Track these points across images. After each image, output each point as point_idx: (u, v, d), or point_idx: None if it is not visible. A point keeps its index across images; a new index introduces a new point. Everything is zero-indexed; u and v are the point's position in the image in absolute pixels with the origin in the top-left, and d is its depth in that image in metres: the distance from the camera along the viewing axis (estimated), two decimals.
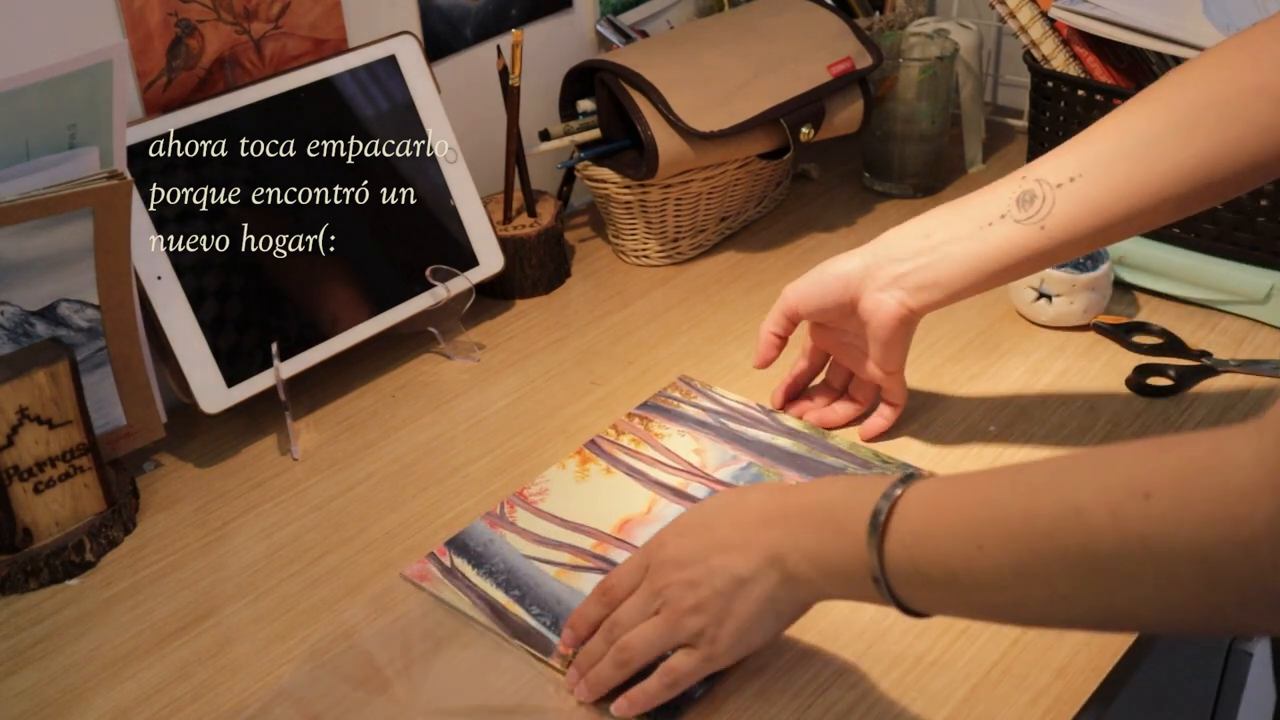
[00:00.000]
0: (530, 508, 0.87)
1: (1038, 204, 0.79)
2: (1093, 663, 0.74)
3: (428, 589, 0.81)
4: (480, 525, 0.86)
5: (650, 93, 1.10)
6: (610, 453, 0.92)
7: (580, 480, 0.89)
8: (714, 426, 0.93)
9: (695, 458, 0.90)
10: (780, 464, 0.89)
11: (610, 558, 0.82)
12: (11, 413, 0.82)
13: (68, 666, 0.79)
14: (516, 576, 0.81)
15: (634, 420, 0.95)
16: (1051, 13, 1.13)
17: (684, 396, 0.97)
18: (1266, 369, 0.97)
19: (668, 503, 0.86)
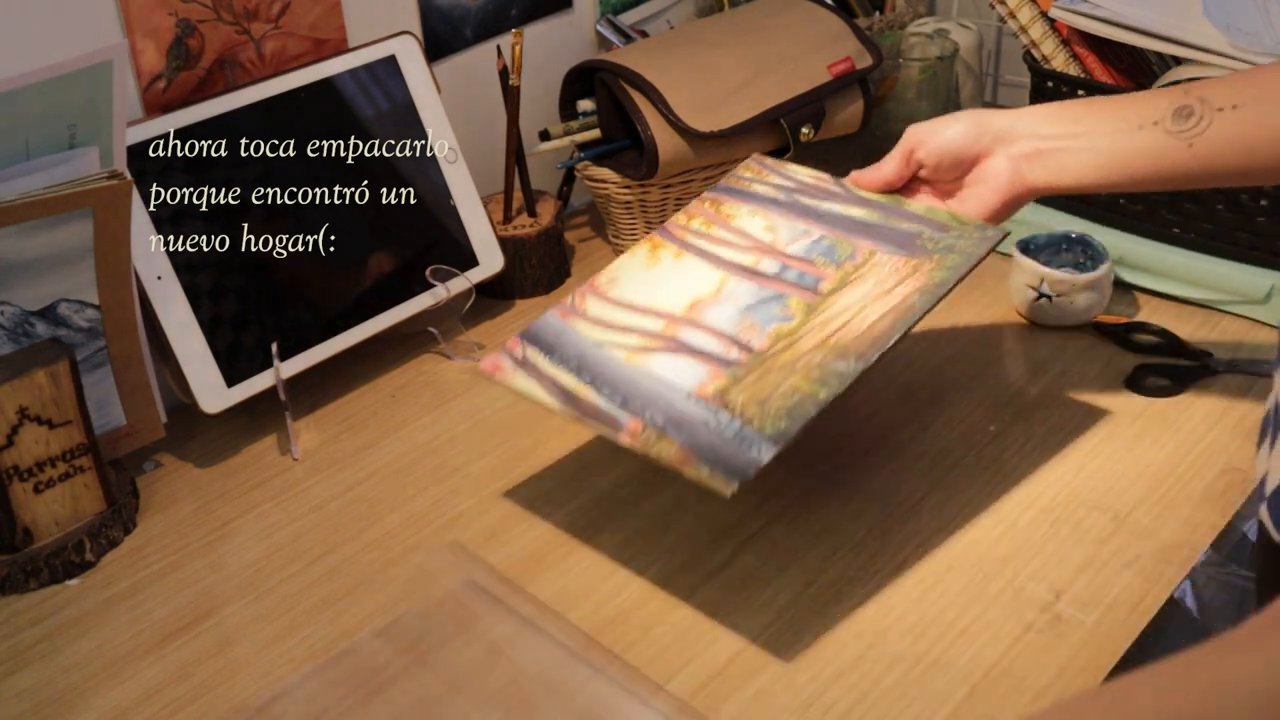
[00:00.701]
0: (601, 295, 0.87)
1: (1193, 120, 0.77)
2: (1093, 663, 0.74)
3: (499, 380, 0.82)
4: (551, 317, 0.86)
5: (650, 93, 1.10)
6: (680, 237, 0.89)
7: (650, 266, 0.88)
8: (785, 203, 0.90)
9: (766, 235, 0.88)
10: (854, 234, 0.86)
11: (680, 338, 0.81)
12: (11, 413, 0.82)
13: (68, 666, 0.79)
14: (586, 362, 0.81)
15: (704, 204, 0.92)
16: (1051, 13, 1.13)
17: (756, 175, 0.93)
18: (1266, 369, 0.97)
19: (739, 281, 0.84)
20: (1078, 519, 0.84)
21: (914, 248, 0.83)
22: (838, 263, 0.84)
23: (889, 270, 0.82)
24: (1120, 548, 0.82)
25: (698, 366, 0.79)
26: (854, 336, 0.78)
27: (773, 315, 0.81)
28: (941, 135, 0.86)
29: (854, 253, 0.84)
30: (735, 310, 0.82)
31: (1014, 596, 0.78)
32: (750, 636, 0.77)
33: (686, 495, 0.88)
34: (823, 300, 0.81)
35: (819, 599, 0.79)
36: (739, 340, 0.80)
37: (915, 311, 0.79)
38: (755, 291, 0.83)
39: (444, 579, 0.82)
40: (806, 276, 0.83)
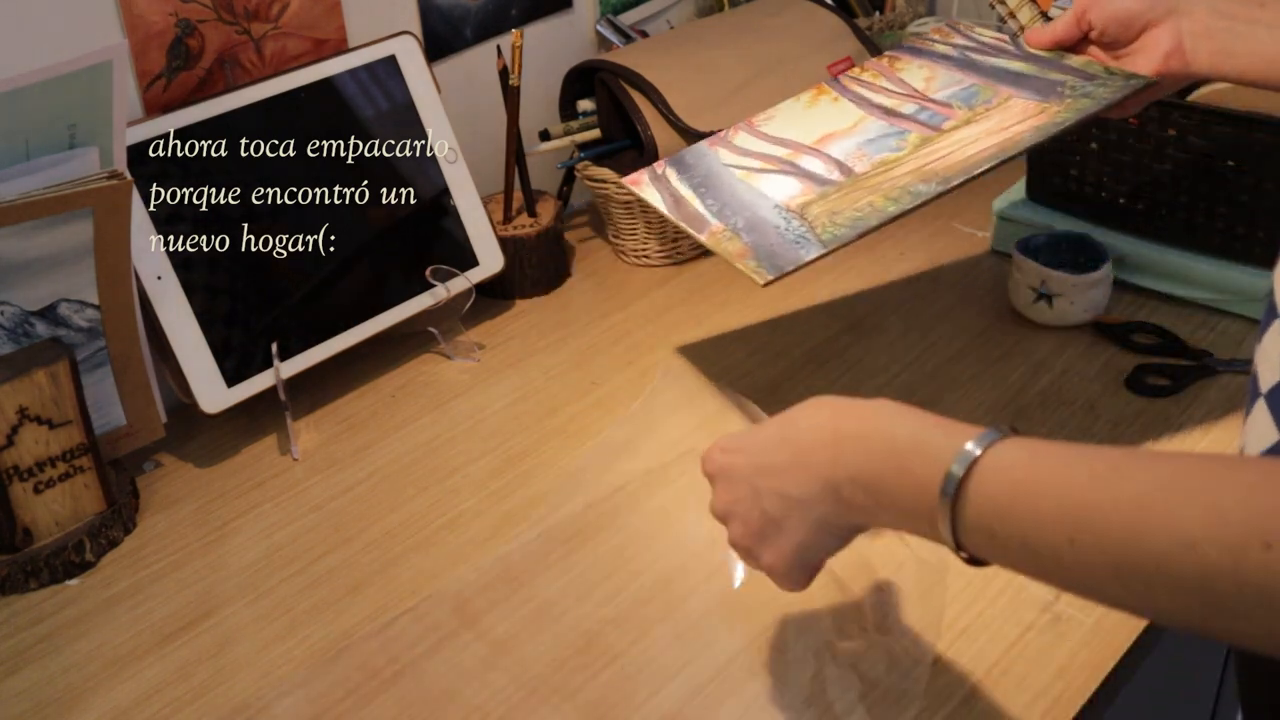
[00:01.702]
0: (751, 129, 0.93)
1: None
2: (1093, 662, 0.74)
3: (632, 188, 0.90)
4: (701, 145, 0.92)
5: (650, 93, 1.10)
6: (845, 85, 0.95)
7: (808, 108, 0.94)
8: (955, 59, 0.95)
9: (922, 84, 0.93)
10: (1002, 82, 0.90)
11: (798, 163, 0.87)
12: (11, 413, 0.82)
13: (68, 666, 0.79)
14: (709, 179, 0.88)
15: (883, 60, 0.97)
16: (1051, 13, 1.13)
17: (942, 37, 0.98)
18: None
19: (874, 120, 0.90)
20: None
21: (1051, 94, 0.85)
22: (971, 106, 0.88)
23: (1016, 111, 0.85)
24: None
25: (796, 184, 0.85)
26: (948, 164, 0.82)
27: (886, 146, 0.86)
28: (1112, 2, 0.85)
29: (991, 98, 0.88)
30: (856, 144, 0.88)
31: (1014, 596, 0.78)
32: (750, 636, 0.77)
33: (686, 497, 0.88)
34: (940, 135, 0.86)
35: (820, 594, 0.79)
36: (844, 164, 0.86)
37: (1019, 144, 0.81)
38: (882, 128, 0.89)
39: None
40: (936, 116, 0.88)
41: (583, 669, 0.75)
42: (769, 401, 0.96)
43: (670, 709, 0.72)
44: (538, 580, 0.82)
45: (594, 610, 0.80)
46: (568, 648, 0.77)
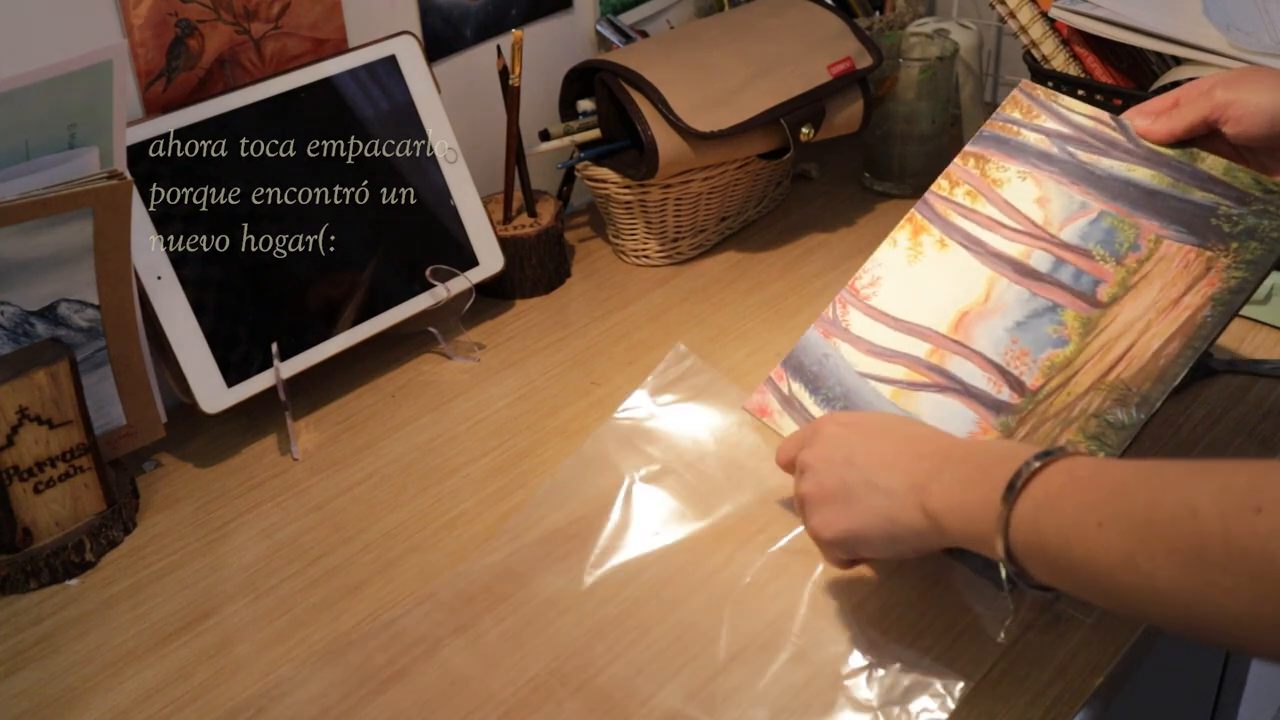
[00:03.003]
0: (862, 305, 0.81)
1: None
2: (1093, 662, 0.74)
3: (768, 423, 0.80)
4: (814, 336, 0.81)
5: (650, 93, 1.10)
6: (944, 215, 0.81)
7: (913, 261, 0.80)
8: (1059, 160, 0.80)
9: (1037, 211, 0.78)
10: (1138, 211, 0.75)
11: (947, 368, 0.76)
12: (11, 413, 0.82)
13: (68, 666, 0.79)
14: (851, 401, 0.77)
15: (969, 163, 0.83)
16: (1051, 13, 1.13)
17: (1025, 118, 0.82)
18: (1266, 369, 0.97)
19: (1008, 284, 0.77)
20: None
21: (1207, 231, 0.73)
22: (1118, 255, 0.75)
23: (1177, 268, 0.72)
24: None
25: (966, 412, 0.73)
26: (1136, 370, 0.70)
27: (1045, 338, 0.74)
28: (1262, 113, 0.74)
29: (1137, 239, 0.74)
30: (1004, 328, 0.75)
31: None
32: (750, 636, 0.77)
33: (689, 496, 0.88)
34: (1101, 314, 0.73)
35: (818, 598, 0.79)
36: (1009, 373, 0.73)
37: (1207, 330, 0.70)
38: (1026, 301, 0.76)
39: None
40: (1083, 277, 0.75)
41: (583, 669, 0.75)
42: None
43: (670, 708, 0.72)
44: (538, 580, 0.82)
45: (594, 610, 0.80)
46: (567, 647, 0.77)
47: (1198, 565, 0.50)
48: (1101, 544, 0.55)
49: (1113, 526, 0.55)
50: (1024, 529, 0.60)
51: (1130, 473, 0.56)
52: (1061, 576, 0.59)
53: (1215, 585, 0.50)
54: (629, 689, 0.73)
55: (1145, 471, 0.56)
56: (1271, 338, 1.02)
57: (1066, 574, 0.59)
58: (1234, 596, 0.49)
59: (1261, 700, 1.22)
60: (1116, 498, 0.55)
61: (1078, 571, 0.57)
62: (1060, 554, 0.58)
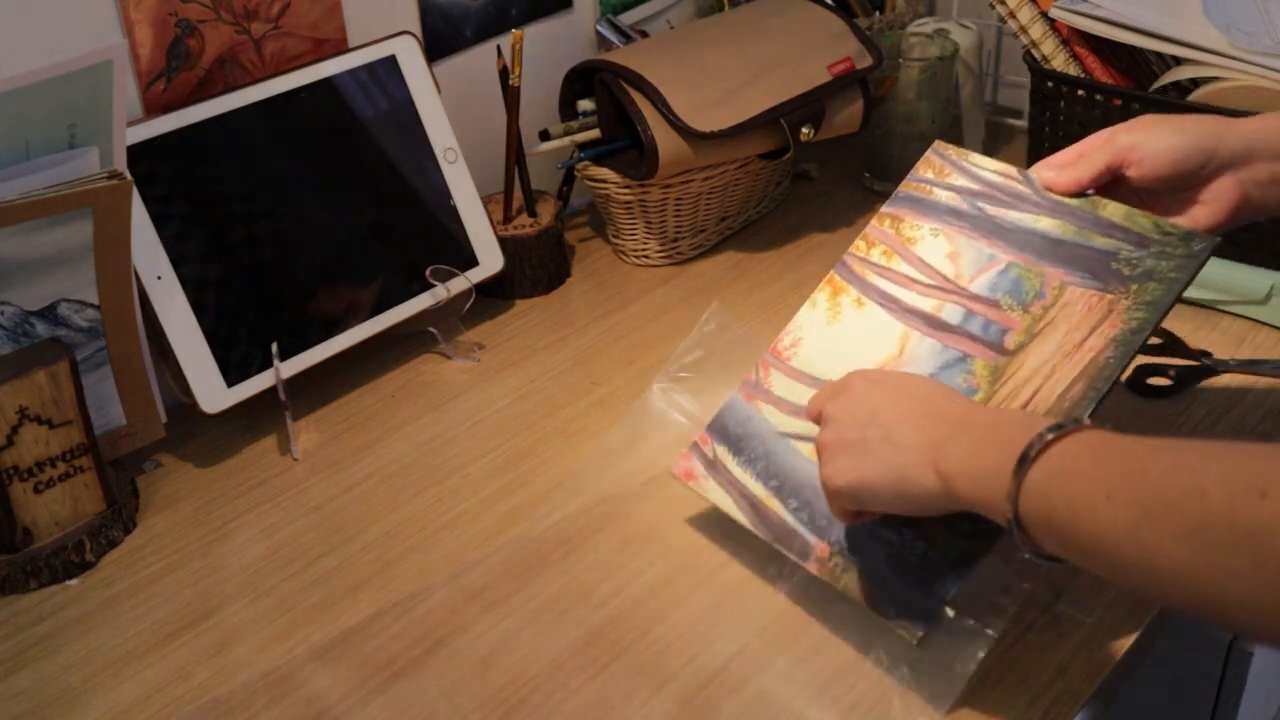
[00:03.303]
0: (784, 366, 0.82)
1: None
2: (1093, 662, 0.74)
3: (693, 488, 0.81)
4: (738, 400, 0.83)
5: (650, 93, 1.10)
6: (861, 275, 0.83)
7: (831, 321, 0.83)
8: (969, 215, 0.82)
9: (949, 266, 0.81)
10: (1043, 260, 0.77)
11: None
12: (11, 413, 0.82)
13: (68, 666, 0.79)
14: (772, 461, 0.79)
15: (885, 223, 0.85)
16: (1051, 13, 1.13)
17: (937, 177, 0.85)
18: (1266, 369, 0.97)
19: (920, 338, 0.79)
20: None
21: (1108, 275, 0.75)
22: (1025, 304, 0.76)
23: (1080, 312, 0.74)
24: None
25: None
26: (1041, 414, 0.72)
27: (956, 387, 0.75)
28: (1162, 156, 0.75)
29: (1042, 287, 0.76)
30: None
31: None
32: (750, 636, 0.77)
33: (688, 496, 0.88)
34: (1009, 361, 0.75)
35: (818, 597, 0.79)
36: None
37: (1109, 371, 0.71)
38: (938, 353, 0.78)
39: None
40: (991, 327, 0.77)
41: (584, 668, 0.75)
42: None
43: (670, 707, 0.72)
44: (539, 578, 0.82)
45: (595, 609, 0.80)
46: (569, 646, 0.77)
47: (1201, 546, 0.51)
48: (1109, 517, 0.55)
49: (1121, 500, 0.55)
50: (1034, 499, 0.60)
51: (1144, 449, 0.57)
52: (1068, 547, 0.60)
53: (1218, 567, 0.50)
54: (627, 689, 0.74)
55: (1158, 448, 0.56)
56: (1271, 338, 1.02)
57: (1073, 545, 0.59)
58: (1237, 579, 0.49)
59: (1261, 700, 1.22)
60: (1127, 472, 0.56)
61: (1084, 543, 0.58)
62: (1068, 525, 0.58)
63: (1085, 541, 0.58)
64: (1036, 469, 0.61)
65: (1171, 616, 0.79)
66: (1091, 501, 0.57)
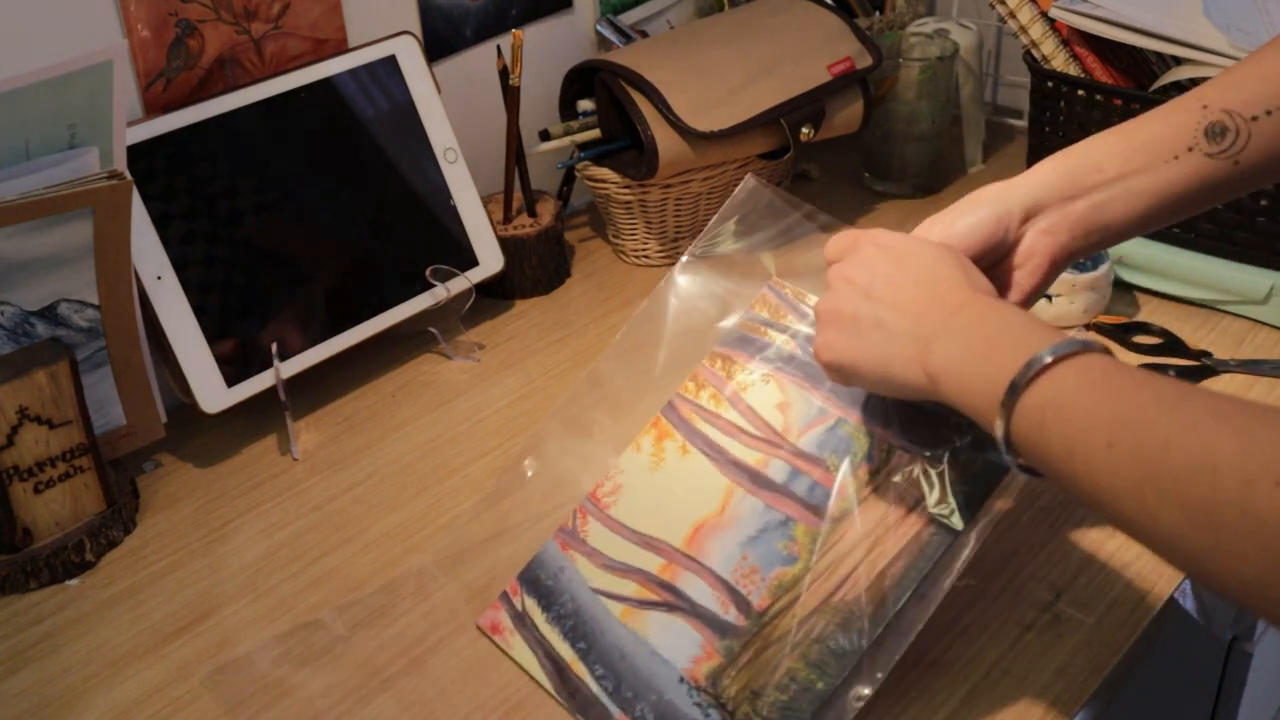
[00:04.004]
0: (602, 515, 0.78)
1: (1230, 138, 0.72)
2: (1093, 662, 0.74)
3: (498, 643, 0.77)
4: (553, 548, 0.78)
5: (650, 93, 1.10)
6: (688, 420, 0.79)
7: (655, 468, 0.78)
8: (802, 361, 0.78)
9: (778, 417, 0.76)
10: (873, 419, 0.74)
11: (677, 585, 0.73)
12: (11, 413, 0.82)
13: (68, 666, 0.79)
14: (582, 620, 0.75)
15: (716, 364, 0.81)
16: (1051, 13, 1.13)
17: (772, 317, 0.81)
18: (1266, 369, 0.97)
19: (744, 495, 0.75)
20: (1078, 519, 0.84)
21: (937, 443, 0.71)
22: (852, 466, 0.73)
23: (907, 479, 0.71)
24: (1120, 548, 0.82)
25: (692, 634, 0.71)
26: (860, 591, 0.69)
27: (775, 554, 0.72)
28: (965, 240, 0.75)
29: (870, 450, 0.72)
30: (736, 543, 0.73)
31: (1014, 596, 0.78)
32: None
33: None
34: (831, 529, 0.71)
35: None
36: (737, 592, 0.71)
37: (932, 549, 0.68)
38: (760, 513, 0.73)
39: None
40: (817, 490, 0.73)
41: None
42: None
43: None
44: None
45: None
46: None
47: (1208, 523, 0.49)
48: (1109, 467, 0.53)
49: (1123, 451, 0.53)
50: (1027, 426, 0.58)
51: (1149, 394, 0.54)
52: (1061, 480, 0.58)
53: (1224, 547, 0.49)
54: None
55: (1164, 397, 0.53)
56: (1271, 338, 1.02)
57: (1068, 481, 0.57)
58: (1244, 561, 0.48)
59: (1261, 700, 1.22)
60: (1131, 422, 0.53)
61: (1079, 484, 0.56)
62: (1063, 463, 0.56)
63: (1081, 483, 0.56)
64: (1030, 395, 0.58)
65: (1172, 617, 0.79)
66: (1090, 447, 0.54)
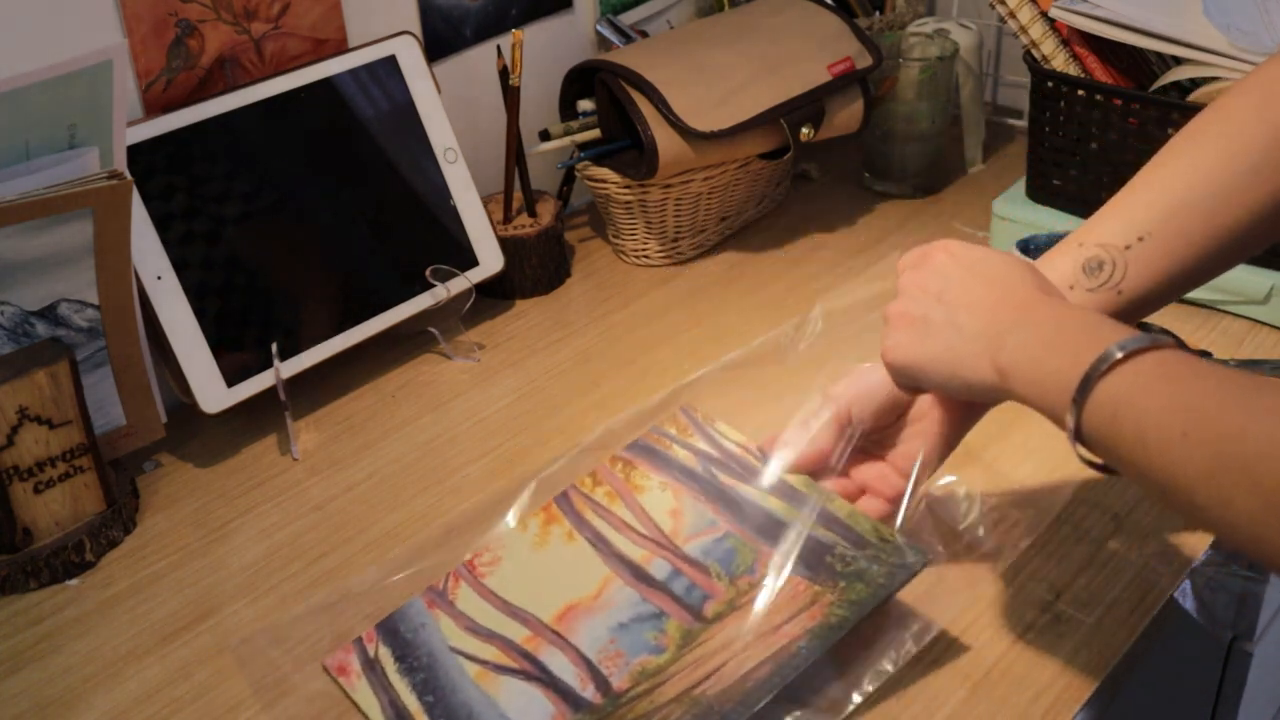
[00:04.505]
0: (475, 583, 0.79)
1: (1108, 270, 0.73)
2: (1093, 662, 0.74)
3: (343, 684, 0.74)
4: (418, 605, 0.78)
5: (650, 93, 1.10)
6: (579, 511, 0.82)
7: (538, 547, 0.80)
8: (701, 478, 0.81)
9: (669, 522, 0.79)
10: (761, 537, 0.76)
11: (540, 657, 0.73)
12: (11, 413, 0.82)
13: (68, 666, 0.79)
14: (435, 675, 0.73)
15: (617, 466, 0.84)
16: (1051, 13, 1.13)
17: (680, 435, 0.84)
18: (1266, 369, 0.97)
19: (621, 585, 0.76)
20: (1078, 519, 0.84)
21: (820, 567, 0.73)
22: (733, 575, 0.75)
23: (785, 596, 0.73)
24: (1120, 548, 0.82)
25: (545, 704, 0.70)
26: (721, 689, 0.69)
27: (643, 643, 0.72)
28: (871, 394, 0.77)
29: (754, 563, 0.75)
30: (606, 627, 0.74)
31: (1014, 596, 0.78)
32: None
33: None
34: (704, 628, 0.72)
35: None
36: (599, 671, 0.71)
37: (799, 661, 0.69)
38: (634, 604, 0.75)
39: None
40: (694, 591, 0.74)
41: None
42: (770, 402, 0.95)
43: None
44: None
45: None
46: None
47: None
48: (1183, 456, 0.53)
49: (1197, 441, 0.53)
50: (1099, 418, 0.58)
51: (1222, 385, 0.54)
52: (1133, 471, 0.57)
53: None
54: None
55: (1237, 387, 0.53)
56: (1272, 338, 1.02)
57: (1140, 471, 0.57)
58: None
59: (1261, 700, 1.22)
60: (1205, 411, 0.53)
61: (1153, 474, 0.55)
62: (1136, 453, 0.56)
63: (1156, 475, 0.55)
64: (1102, 389, 0.58)
65: (1172, 617, 0.79)
66: (1165, 435, 0.54)
